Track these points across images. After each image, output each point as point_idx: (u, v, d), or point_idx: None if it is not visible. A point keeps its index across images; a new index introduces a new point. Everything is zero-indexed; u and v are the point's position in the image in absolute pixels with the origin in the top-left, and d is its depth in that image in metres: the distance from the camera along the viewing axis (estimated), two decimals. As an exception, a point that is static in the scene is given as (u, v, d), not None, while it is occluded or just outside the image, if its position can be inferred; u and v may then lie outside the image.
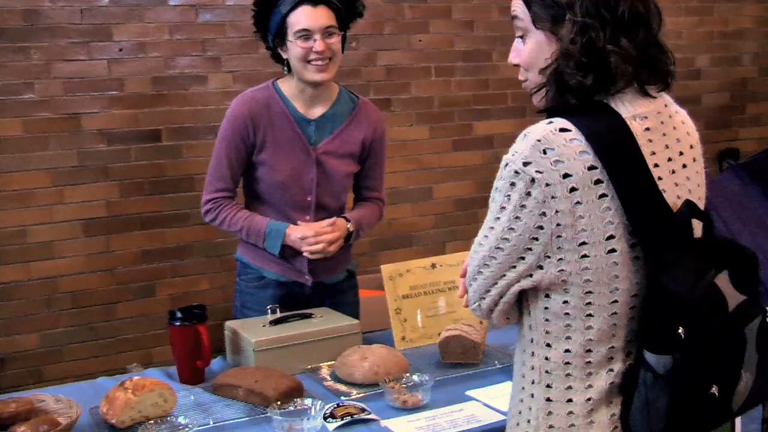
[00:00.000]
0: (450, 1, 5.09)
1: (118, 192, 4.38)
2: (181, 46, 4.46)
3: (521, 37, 1.79)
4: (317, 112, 3.14)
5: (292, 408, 2.35)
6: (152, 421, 2.35)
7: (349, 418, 2.33)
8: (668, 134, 1.76)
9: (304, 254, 3.07)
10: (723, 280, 1.64)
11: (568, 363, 1.74)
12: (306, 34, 2.97)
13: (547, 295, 1.73)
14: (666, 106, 1.79)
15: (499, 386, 2.59)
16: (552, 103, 1.76)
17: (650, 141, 1.71)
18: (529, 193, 1.63)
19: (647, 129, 1.71)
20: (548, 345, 1.76)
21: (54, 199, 4.25)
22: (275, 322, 2.90)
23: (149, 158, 4.43)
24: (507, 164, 1.67)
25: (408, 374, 2.60)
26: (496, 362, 2.77)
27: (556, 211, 1.62)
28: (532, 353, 1.80)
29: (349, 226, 3.14)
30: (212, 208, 3.12)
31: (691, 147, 1.81)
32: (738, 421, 3.07)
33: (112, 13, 4.29)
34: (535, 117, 1.75)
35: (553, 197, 1.62)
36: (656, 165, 1.70)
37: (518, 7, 1.78)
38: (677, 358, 1.58)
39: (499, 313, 1.82)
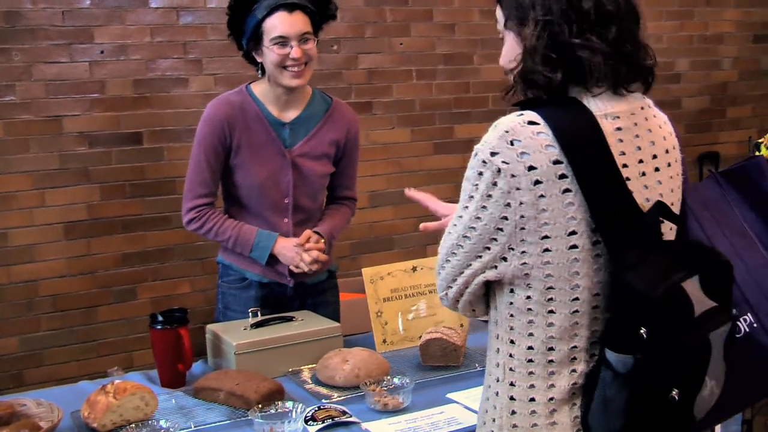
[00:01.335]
0: (431, 4, 5.10)
1: (99, 195, 4.37)
2: (163, 49, 4.46)
3: (502, 39, 1.81)
4: (291, 115, 3.14)
5: (273, 411, 2.35)
6: (133, 425, 2.35)
7: (330, 421, 2.33)
8: (642, 136, 1.74)
9: (291, 267, 3.08)
10: (692, 285, 1.61)
11: (530, 360, 1.73)
12: (282, 41, 2.97)
13: (511, 290, 1.73)
14: (643, 108, 1.78)
15: (479, 389, 2.55)
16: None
17: (620, 141, 1.70)
18: (495, 183, 1.64)
19: (618, 129, 1.70)
20: (512, 341, 1.75)
21: (35, 201, 4.24)
22: (256, 325, 2.90)
23: (130, 161, 4.42)
24: (476, 153, 1.69)
25: (389, 377, 2.61)
26: (476, 365, 2.77)
27: (520, 203, 1.63)
28: (497, 350, 1.80)
29: (323, 241, 3.15)
30: (197, 217, 3.11)
31: (667, 152, 1.80)
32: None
33: (94, 15, 4.29)
34: None
35: (517, 188, 1.62)
36: (625, 165, 1.68)
37: (497, 10, 1.80)
38: (638, 358, 1.57)
39: (464, 304, 1.83)
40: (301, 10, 2.99)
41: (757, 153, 3.87)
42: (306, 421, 2.33)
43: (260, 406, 2.37)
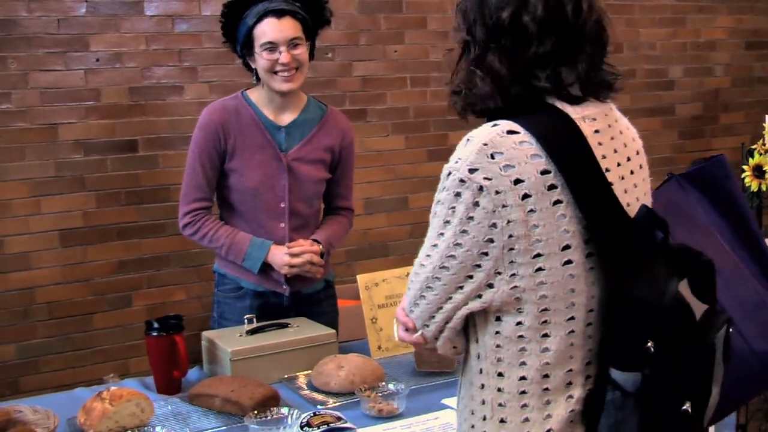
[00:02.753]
0: (425, 12, 5.12)
1: (95, 202, 4.37)
2: (158, 57, 4.47)
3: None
4: (287, 118, 3.16)
5: (268, 417, 2.37)
6: (129, 431, 2.36)
7: (325, 427, 2.34)
8: (616, 138, 1.66)
9: (283, 270, 3.08)
10: (685, 289, 1.52)
11: (523, 392, 1.59)
12: (271, 47, 2.99)
13: (498, 318, 1.59)
14: (611, 109, 1.70)
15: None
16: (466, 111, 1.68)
17: (600, 144, 1.61)
18: (477, 203, 1.51)
19: (597, 131, 1.61)
20: (500, 374, 1.61)
21: (31, 209, 4.25)
22: (252, 331, 2.91)
23: (126, 168, 4.43)
24: (450, 173, 1.55)
25: (383, 383, 2.62)
26: (471, 371, 2.78)
27: (508, 221, 1.50)
28: (482, 385, 1.65)
29: (321, 248, 3.16)
30: (192, 222, 3.12)
31: (637, 153, 1.73)
32: (711, 427, 3.09)
33: (89, 24, 4.30)
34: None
35: (504, 206, 1.50)
36: (607, 170, 1.59)
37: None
38: (647, 374, 1.47)
39: (444, 342, 1.66)
40: (291, 16, 3.01)
41: (750, 159, 3.89)
42: (301, 427, 2.34)
43: (256, 412, 2.38)
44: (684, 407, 1.51)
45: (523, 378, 1.59)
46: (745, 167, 3.91)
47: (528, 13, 1.56)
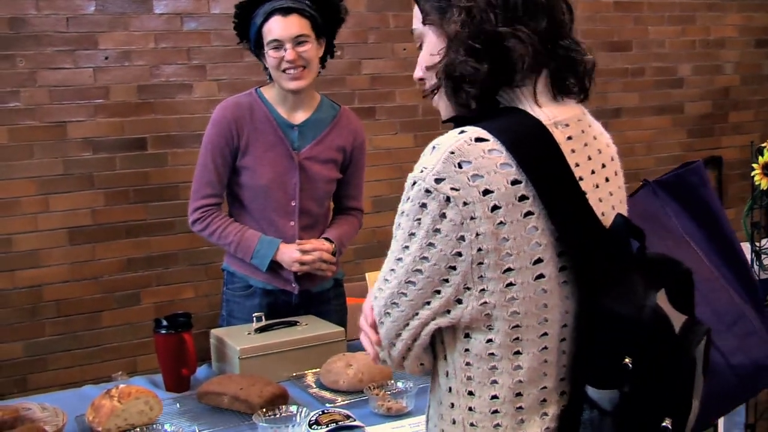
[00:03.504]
0: (434, 10, 5.09)
1: (104, 200, 4.38)
2: (167, 55, 4.47)
3: (420, 47, 1.61)
4: (300, 117, 3.16)
5: (277, 415, 2.37)
6: (138, 429, 2.36)
7: (333, 425, 2.34)
8: (590, 144, 1.58)
9: (293, 268, 3.08)
10: (663, 300, 1.44)
11: (496, 411, 1.51)
12: (277, 44, 3.00)
13: (467, 335, 1.51)
14: (584, 113, 1.62)
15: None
16: (453, 107, 1.57)
17: (573, 151, 1.52)
18: (443, 215, 1.42)
19: (569, 138, 1.53)
20: (471, 393, 1.53)
21: (39, 207, 4.25)
22: (260, 329, 2.91)
23: (134, 166, 4.43)
24: (415, 182, 1.46)
25: (392, 381, 2.62)
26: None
27: (477, 234, 1.41)
28: (452, 404, 1.57)
29: (333, 246, 3.16)
30: (201, 218, 3.12)
31: (612, 159, 1.64)
32: (720, 426, 3.09)
33: (98, 22, 4.30)
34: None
35: (472, 218, 1.40)
36: (581, 178, 1.51)
37: (414, 14, 1.61)
38: (625, 391, 1.40)
39: (412, 360, 1.58)
40: (298, 14, 3.01)
41: (760, 157, 3.87)
42: (310, 426, 2.34)
43: (264, 410, 2.38)
44: (664, 424, 1.44)
45: (495, 397, 1.51)
46: (754, 165, 3.89)
47: None
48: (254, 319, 2.95)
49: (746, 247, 4.33)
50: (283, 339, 2.84)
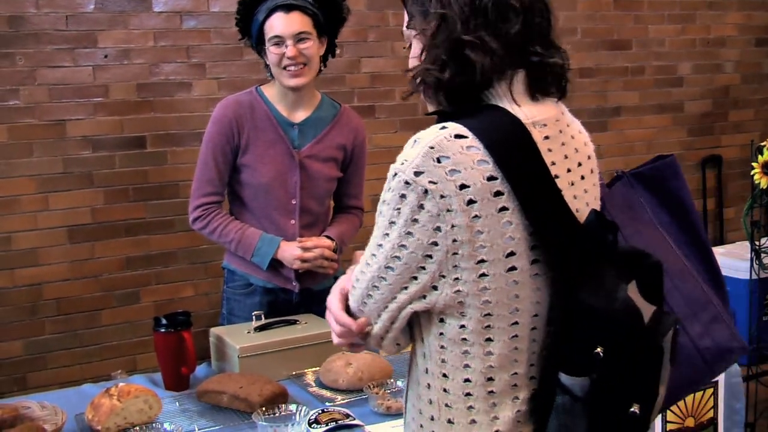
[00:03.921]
0: (434, 8, 5.09)
1: (103, 199, 4.37)
2: (166, 53, 4.47)
3: (410, 47, 1.68)
4: (301, 116, 3.16)
5: (276, 414, 2.36)
6: (137, 428, 2.36)
7: (333, 424, 2.33)
8: (567, 143, 1.64)
9: (294, 265, 3.08)
10: (633, 291, 1.51)
11: (468, 394, 1.58)
12: (278, 41, 2.99)
13: (441, 320, 1.58)
14: (563, 113, 1.67)
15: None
16: (433, 106, 1.64)
17: (550, 150, 1.58)
18: (421, 206, 1.48)
19: (546, 137, 1.59)
20: (445, 375, 1.60)
21: (39, 205, 4.25)
22: (260, 328, 2.90)
23: (134, 165, 4.43)
24: (396, 174, 1.54)
25: (392, 380, 2.61)
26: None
27: (452, 226, 1.47)
28: (428, 385, 1.64)
29: (334, 244, 3.16)
30: (202, 216, 3.12)
31: (589, 158, 1.71)
32: (720, 425, 3.09)
33: (97, 20, 4.30)
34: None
35: (448, 210, 1.47)
36: (557, 176, 1.57)
37: (404, 16, 1.67)
38: (595, 378, 1.46)
39: (390, 341, 1.65)
40: (300, 11, 3.01)
41: (760, 156, 3.87)
42: (309, 424, 2.33)
43: (264, 409, 2.38)
44: (632, 409, 1.50)
45: (467, 380, 1.58)
46: (754, 164, 3.90)
47: None
48: (254, 317, 2.95)
49: (746, 246, 4.34)
50: (282, 338, 2.84)
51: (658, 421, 2.92)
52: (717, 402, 3.02)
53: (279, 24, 2.98)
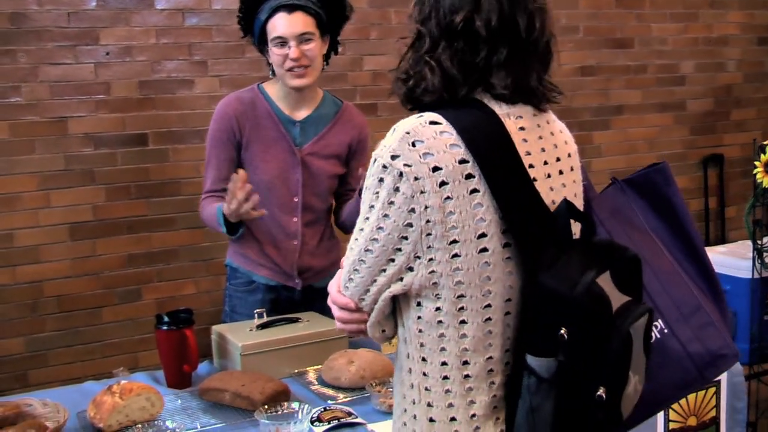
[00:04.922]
0: (436, 6, 5.09)
1: (105, 196, 4.37)
2: (168, 50, 4.46)
3: None
4: (302, 113, 3.15)
5: (278, 412, 2.36)
6: (139, 425, 2.36)
7: (335, 422, 2.34)
8: (545, 138, 1.69)
9: (233, 215, 2.91)
10: (606, 281, 1.55)
11: (446, 378, 1.64)
12: (281, 41, 2.98)
13: (418, 303, 1.64)
14: (543, 113, 1.73)
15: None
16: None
17: (525, 141, 1.64)
18: (397, 189, 1.56)
19: (522, 128, 1.65)
20: (423, 359, 1.66)
21: (40, 202, 4.25)
22: (262, 326, 2.90)
23: (136, 162, 4.43)
24: (375, 160, 1.61)
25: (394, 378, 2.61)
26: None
27: (426, 207, 1.54)
28: (410, 370, 1.69)
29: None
30: (200, 208, 3.16)
31: (569, 156, 1.76)
32: (722, 424, 3.09)
33: (99, 17, 4.29)
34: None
35: (422, 192, 1.54)
36: (531, 166, 1.63)
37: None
38: (560, 360, 1.51)
39: (374, 324, 1.71)
40: (303, 11, 3.00)
41: (762, 155, 3.87)
42: (312, 422, 2.34)
43: (266, 407, 2.37)
44: (599, 393, 1.52)
45: (444, 363, 1.64)
46: (756, 163, 3.89)
47: (481, 20, 1.60)
48: (256, 315, 2.95)
49: (748, 245, 4.33)
50: (284, 335, 2.83)
51: (660, 420, 2.92)
52: (719, 401, 3.02)
53: (282, 24, 2.97)
